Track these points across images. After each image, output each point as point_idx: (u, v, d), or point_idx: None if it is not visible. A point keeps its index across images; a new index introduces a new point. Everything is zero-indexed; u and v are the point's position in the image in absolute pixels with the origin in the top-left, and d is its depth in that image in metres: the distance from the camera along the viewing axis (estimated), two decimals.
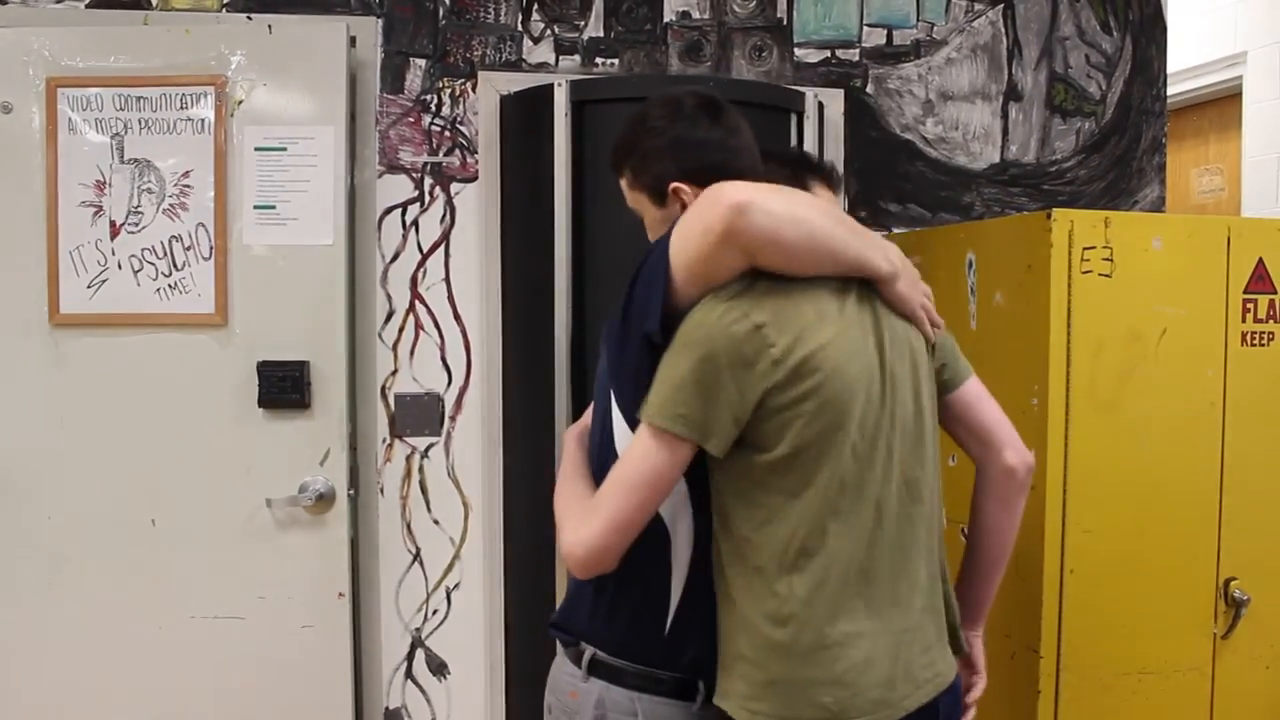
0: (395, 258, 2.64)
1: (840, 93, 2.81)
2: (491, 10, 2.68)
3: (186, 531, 2.45)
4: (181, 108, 2.44)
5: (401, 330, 2.65)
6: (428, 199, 2.65)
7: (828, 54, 2.83)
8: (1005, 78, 2.92)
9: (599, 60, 2.72)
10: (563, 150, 2.34)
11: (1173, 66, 3.13)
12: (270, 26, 2.47)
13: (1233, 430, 2.25)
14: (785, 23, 2.80)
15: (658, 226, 1.53)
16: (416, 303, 2.65)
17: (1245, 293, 2.27)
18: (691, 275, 1.35)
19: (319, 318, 2.46)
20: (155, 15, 2.55)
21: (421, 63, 2.65)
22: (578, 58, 2.71)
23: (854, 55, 2.84)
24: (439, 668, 2.70)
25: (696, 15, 2.75)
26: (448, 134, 2.65)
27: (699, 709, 1.50)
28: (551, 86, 2.37)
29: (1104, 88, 2.98)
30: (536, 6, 2.69)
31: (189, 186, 2.44)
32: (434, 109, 2.65)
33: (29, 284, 2.42)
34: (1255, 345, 2.27)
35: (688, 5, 2.75)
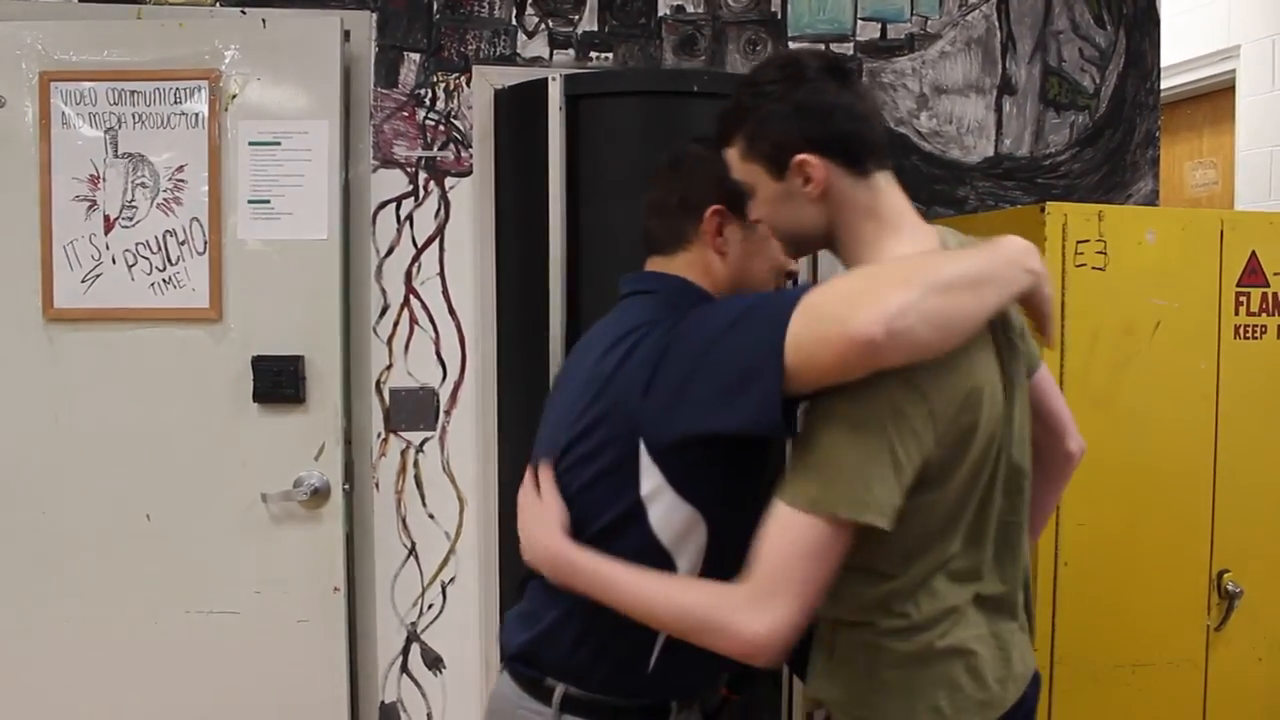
0: (390, 252, 2.64)
1: None
2: (486, 4, 2.67)
3: (182, 527, 2.45)
4: (175, 102, 2.43)
5: (396, 325, 2.65)
6: (422, 193, 2.65)
7: (822, 48, 2.82)
8: (999, 71, 2.92)
9: (593, 54, 2.72)
10: (557, 144, 2.34)
11: (1166, 60, 3.13)
12: (264, 20, 2.47)
13: (1226, 423, 2.26)
14: (779, 16, 2.80)
15: (773, 202, 1.40)
16: (411, 297, 2.65)
17: (1238, 285, 2.27)
18: (818, 382, 1.23)
19: (314, 312, 2.46)
20: (149, 9, 2.54)
21: (416, 57, 2.65)
22: (572, 52, 2.71)
23: (848, 49, 2.84)
24: (434, 662, 2.70)
25: (691, 9, 2.75)
26: (442, 128, 2.65)
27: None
28: (546, 81, 2.36)
29: (1098, 81, 2.98)
30: (530, 1, 2.69)
31: (183, 181, 2.44)
32: (428, 103, 2.65)
33: (23, 279, 2.42)
34: (1248, 338, 2.28)
35: (682, 0, 2.75)
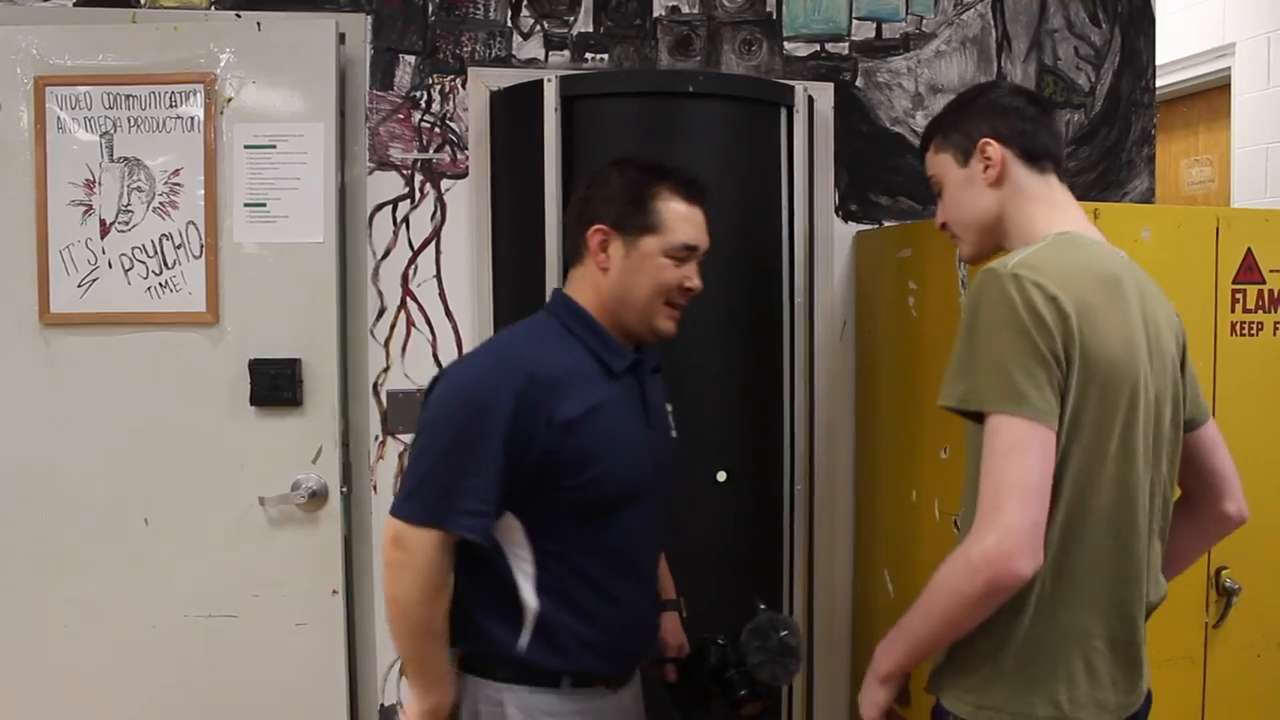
0: (386, 254, 2.64)
1: (830, 86, 2.81)
2: (481, 6, 2.67)
3: (180, 530, 2.45)
4: (171, 106, 2.43)
5: (393, 327, 2.64)
6: (418, 196, 2.65)
7: (817, 48, 2.83)
8: (995, 70, 2.92)
9: (589, 56, 2.72)
10: (553, 146, 2.34)
11: (1161, 58, 3.14)
12: (259, 24, 2.47)
13: (1222, 420, 2.24)
14: (775, 17, 2.80)
15: (958, 189, 1.57)
16: (408, 299, 2.65)
17: (1234, 283, 2.27)
18: None
19: (310, 315, 2.45)
20: (143, 13, 2.54)
21: (411, 59, 2.65)
22: (567, 53, 2.71)
23: (843, 49, 2.84)
24: None
25: (686, 10, 2.75)
26: (438, 130, 2.65)
27: (568, 691, 1.58)
28: (541, 82, 2.37)
29: (1093, 80, 2.99)
30: (526, 2, 2.69)
31: (179, 185, 2.43)
32: (424, 105, 2.65)
33: (19, 283, 2.42)
34: (1244, 335, 2.28)
35: (677, 0, 2.75)
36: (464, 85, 2.65)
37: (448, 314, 2.65)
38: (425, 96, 2.65)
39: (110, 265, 2.43)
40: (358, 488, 2.63)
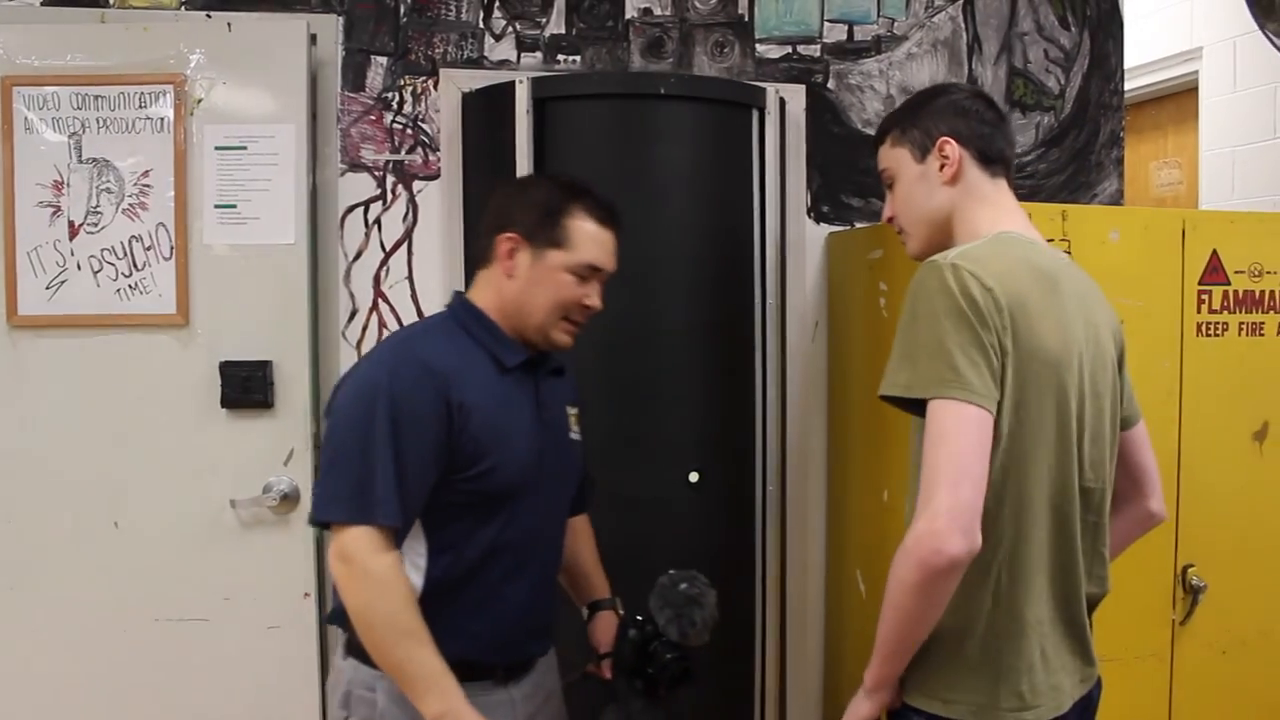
0: (358, 256, 2.63)
1: (802, 88, 2.83)
2: (453, 8, 2.67)
3: (150, 533, 2.43)
4: (140, 106, 2.42)
5: (365, 329, 2.64)
6: (390, 197, 2.64)
7: (789, 50, 2.84)
8: (965, 73, 2.94)
9: (560, 57, 2.72)
10: (524, 147, 2.34)
11: (1130, 62, 3.16)
12: (230, 24, 2.46)
13: (1189, 419, 2.29)
14: (746, 19, 2.81)
15: (911, 184, 1.61)
16: (380, 301, 2.64)
17: (1200, 284, 2.30)
18: None
19: (282, 317, 2.45)
20: (112, 13, 2.52)
21: (383, 60, 2.64)
22: (539, 55, 2.71)
23: (815, 51, 2.85)
24: None
25: (658, 11, 2.76)
26: (409, 132, 2.65)
27: None
28: (513, 84, 2.37)
29: (1062, 82, 3.01)
30: (498, 4, 2.68)
31: (148, 186, 2.42)
32: (396, 107, 2.64)
33: None
34: (1210, 336, 2.30)
35: (649, 2, 2.75)
36: (436, 87, 2.65)
37: (420, 315, 2.64)
38: (397, 98, 2.64)
39: (79, 267, 2.41)
40: None
